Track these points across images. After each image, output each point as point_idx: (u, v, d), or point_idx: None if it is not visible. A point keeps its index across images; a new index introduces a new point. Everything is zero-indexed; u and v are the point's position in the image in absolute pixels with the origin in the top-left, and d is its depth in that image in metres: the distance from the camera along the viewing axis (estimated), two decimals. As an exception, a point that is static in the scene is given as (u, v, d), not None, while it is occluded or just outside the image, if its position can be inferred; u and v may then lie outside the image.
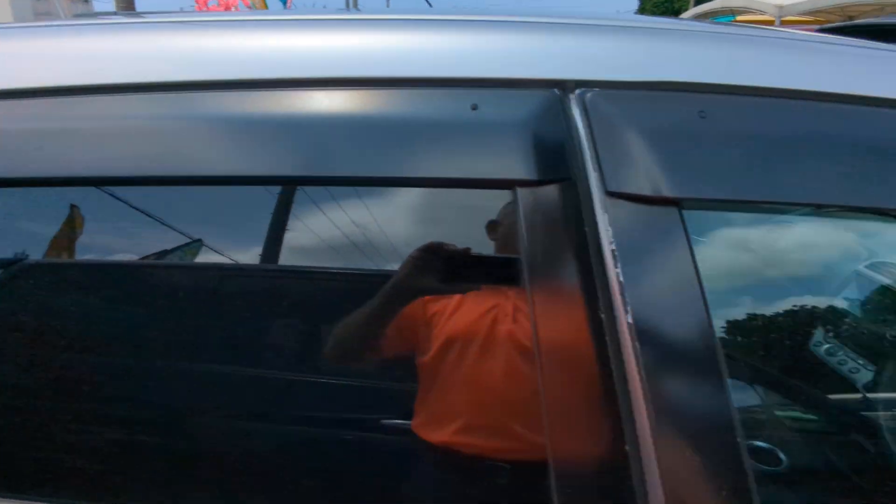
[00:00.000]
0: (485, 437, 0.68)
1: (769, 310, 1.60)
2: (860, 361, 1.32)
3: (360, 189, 0.67)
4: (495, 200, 0.63)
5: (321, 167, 0.60)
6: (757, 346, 1.98)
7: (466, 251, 0.66)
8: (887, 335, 1.21)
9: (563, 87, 0.57)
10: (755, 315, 1.32)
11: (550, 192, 0.55)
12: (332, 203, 0.68)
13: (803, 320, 1.55)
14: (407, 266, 0.65)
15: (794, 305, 1.68)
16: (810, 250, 1.72)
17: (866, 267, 1.38)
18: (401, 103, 0.60)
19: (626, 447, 0.51)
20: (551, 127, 0.57)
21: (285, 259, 0.71)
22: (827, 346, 1.42)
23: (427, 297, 0.69)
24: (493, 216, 0.66)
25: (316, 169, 0.60)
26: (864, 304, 1.35)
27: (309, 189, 0.68)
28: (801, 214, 2.02)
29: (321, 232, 0.68)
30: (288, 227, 0.69)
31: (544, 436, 0.55)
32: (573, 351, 0.55)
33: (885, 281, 1.30)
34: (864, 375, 1.29)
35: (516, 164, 0.55)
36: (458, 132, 0.59)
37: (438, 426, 0.67)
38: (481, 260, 0.66)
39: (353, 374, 0.70)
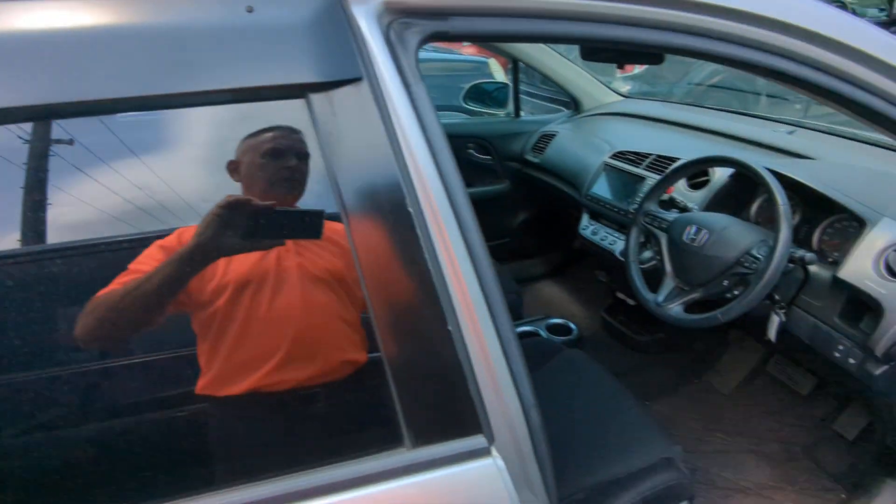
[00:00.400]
0: (300, 369, 0.67)
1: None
2: (615, 234, 1.63)
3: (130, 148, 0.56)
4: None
5: (76, 92, 0.48)
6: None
7: (271, 205, 0.63)
8: (630, 209, 1.51)
9: None
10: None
11: (344, 93, 0.54)
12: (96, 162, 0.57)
13: (571, 204, 1.85)
14: (208, 224, 0.58)
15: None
16: (566, 148, 2.00)
17: (611, 157, 1.69)
18: (167, 9, 0.51)
19: (449, 327, 0.55)
20: (334, 27, 0.56)
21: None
22: (591, 227, 1.73)
23: None
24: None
25: (70, 94, 0.47)
26: (611, 187, 1.65)
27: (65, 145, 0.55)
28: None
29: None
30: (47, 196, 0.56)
31: (377, 339, 0.57)
32: (388, 245, 0.54)
33: (630, 169, 1.60)
34: (619, 245, 1.59)
35: (304, 68, 0.52)
36: (235, 37, 0.53)
37: (241, 375, 0.65)
38: (284, 213, 0.63)
39: (113, 353, 0.61)
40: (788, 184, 1.22)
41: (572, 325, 1.71)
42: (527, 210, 2.30)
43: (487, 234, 2.23)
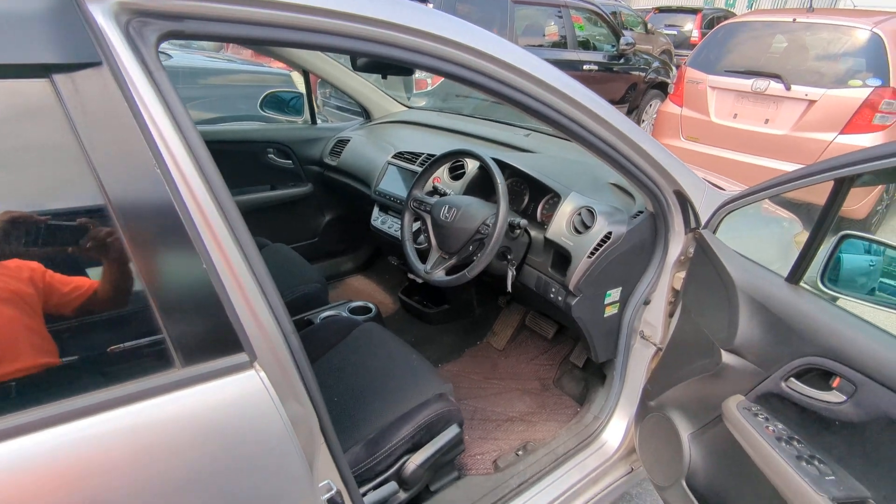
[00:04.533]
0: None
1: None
2: (397, 220, 1.89)
3: None
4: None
5: None
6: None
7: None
8: (412, 203, 1.78)
9: None
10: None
11: (85, 75, 0.58)
12: None
13: (367, 201, 2.07)
14: None
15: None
16: (358, 151, 2.22)
17: (393, 157, 1.95)
18: None
19: (203, 266, 0.66)
20: (69, 17, 0.59)
21: None
22: (380, 218, 1.98)
23: None
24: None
25: None
26: (394, 182, 1.91)
27: None
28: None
29: None
30: None
31: (144, 287, 0.65)
32: (146, 205, 0.62)
33: (408, 167, 1.87)
34: (395, 227, 1.84)
35: (41, 50, 0.56)
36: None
37: None
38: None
39: None
40: (514, 171, 1.59)
41: (371, 306, 1.92)
42: (331, 210, 2.47)
43: (296, 235, 2.41)
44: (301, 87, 3.53)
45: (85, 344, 0.67)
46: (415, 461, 1.23)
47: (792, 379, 1.00)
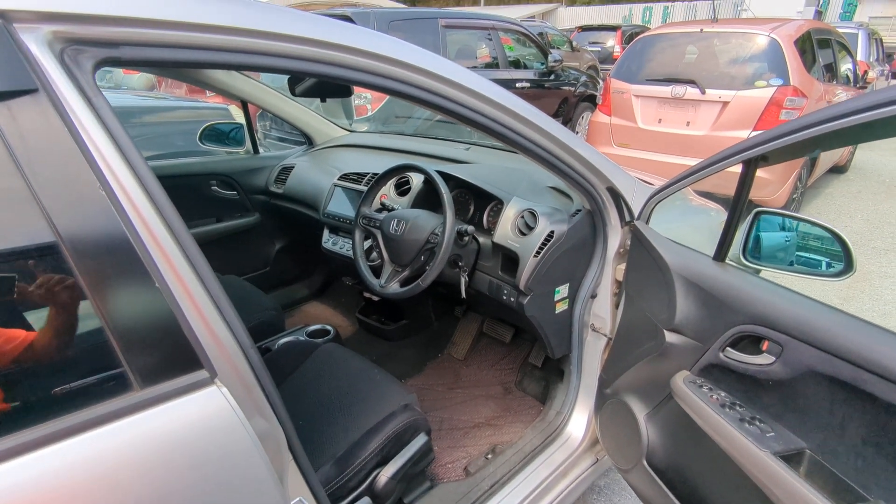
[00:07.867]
0: None
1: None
2: (348, 240, 1.90)
3: None
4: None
5: None
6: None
7: None
8: (361, 220, 1.80)
9: (5, 17, 0.59)
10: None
11: (22, 102, 0.59)
12: None
13: (317, 225, 2.08)
14: None
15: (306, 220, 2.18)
16: (304, 177, 2.23)
17: (339, 179, 1.98)
18: None
19: (157, 285, 0.66)
20: (2, 42, 0.58)
21: None
22: (331, 240, 1.98)
23: None
24: None
25: None
26: (342, 203, 1.93)
27: None
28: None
29: None
30: None
31: (101, 314, 0.66)
32: (95, 231, 0.62)
33: (354, 187, 1.90)
34: (346, 247, 1.86)
35: None
36: None
37: None
38: None
39: None
40: (458, 182, 1.65)
41: (329, 328, 1.91)
42: (281, 238, 2.45)
43: (247, 266, 2.39)
44: (240, 119, 3.52)
45: (34, 375, 0.66)
46: (386, 473, 1.23)
47: (728, 348, 1.08)
